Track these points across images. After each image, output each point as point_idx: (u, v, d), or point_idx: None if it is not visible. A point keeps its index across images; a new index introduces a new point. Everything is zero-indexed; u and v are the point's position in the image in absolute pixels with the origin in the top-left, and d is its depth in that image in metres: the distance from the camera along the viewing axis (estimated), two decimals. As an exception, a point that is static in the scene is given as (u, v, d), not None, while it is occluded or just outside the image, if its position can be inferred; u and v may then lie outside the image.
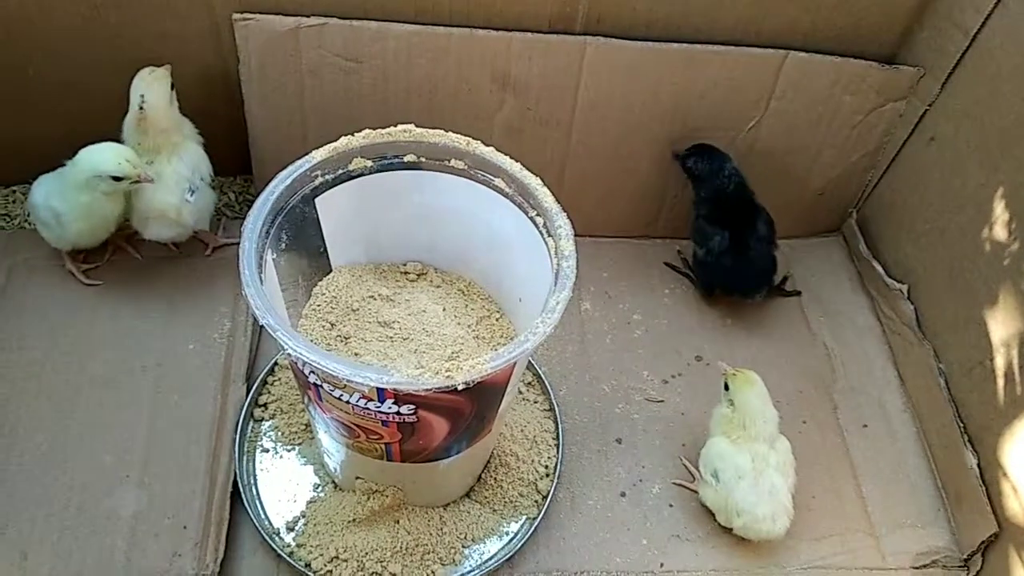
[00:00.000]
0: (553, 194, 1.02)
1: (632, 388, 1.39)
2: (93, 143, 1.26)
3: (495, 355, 0.87)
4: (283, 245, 1.01)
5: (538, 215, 1.03)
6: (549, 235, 1.01)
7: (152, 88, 1.28)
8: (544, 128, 1.43)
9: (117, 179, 1.23)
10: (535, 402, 1.34)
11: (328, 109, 1.38)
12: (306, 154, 1.02)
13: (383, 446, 1.01)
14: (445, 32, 1.32)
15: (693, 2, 1.33)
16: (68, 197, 1.27)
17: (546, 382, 1.35)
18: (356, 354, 1.06)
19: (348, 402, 0.93)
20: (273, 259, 0.99)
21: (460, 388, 0.84)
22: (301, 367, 0.93)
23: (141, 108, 1.26)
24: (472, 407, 0.96)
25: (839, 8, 1.35)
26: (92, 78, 1.38)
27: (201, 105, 1.38)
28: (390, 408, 0.92)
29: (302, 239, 1.06)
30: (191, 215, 1.32)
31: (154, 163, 1.29)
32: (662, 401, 1.37)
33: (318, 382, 0.93)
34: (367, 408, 0.93)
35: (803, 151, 1.48)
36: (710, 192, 1.43)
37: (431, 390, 0.85)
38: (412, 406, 0.91)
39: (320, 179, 1.04)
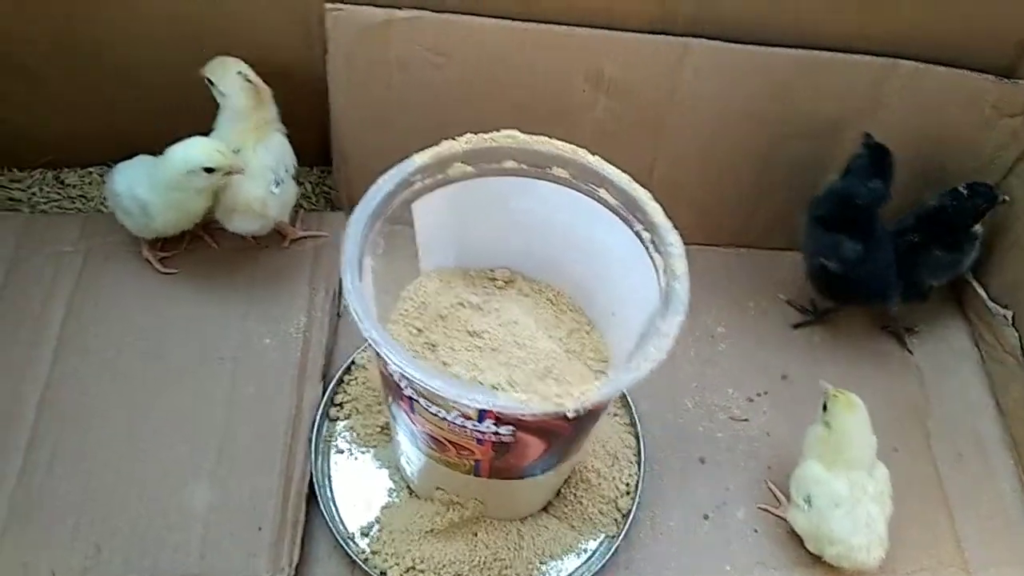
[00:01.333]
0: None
1: (715, 405, 1.34)
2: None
3: (607, 382, 0.83)
4: (380, 251, 0.98)
5: (645, 230, 0.98)
6: (657, 251, 0.97)
7: (240, 64, 1.27)
8: (635, 130, 1.38)
9: (210, 171, 1.21)
10: (615, 415, 1.30)
11: (415, 103, 1.34)
12: (406, 158, 0.99)
13: (473, 462, 0.98)
14: (539, 28, 1.27)
15: (801, 6, 1.26)
16: (157, 191, 1.25)
17: (627, 395, 1.30)
18: (444, 363, 1.02)
19: (444, 419, 0.89)
20: (371, 265, 0.95)
21: (571, 417, 0.80)
22: (397, 380, 0.90)
23: (249, 80, 1.26)
24: (572, 430, 0.93)
25: (954, 16, 1.28)
26: (172, 64, 1.34)
27: (282, 93, 1.35)
28: (488, 428, 0.88)
29: (396, 244, 1.02)
30: (275, 208, 1.30)
31: (240, 153, 1.26)
32: (747, 420, 1.32)
33: (414, 396, 0.90)
34: (463, 426, 0.89)
35: (905, 165, 1.40)
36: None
37: (537, 416, 0.81)
38: (511, 427, 0.88)
39: (419, 184, 1.00)
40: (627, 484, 1.22)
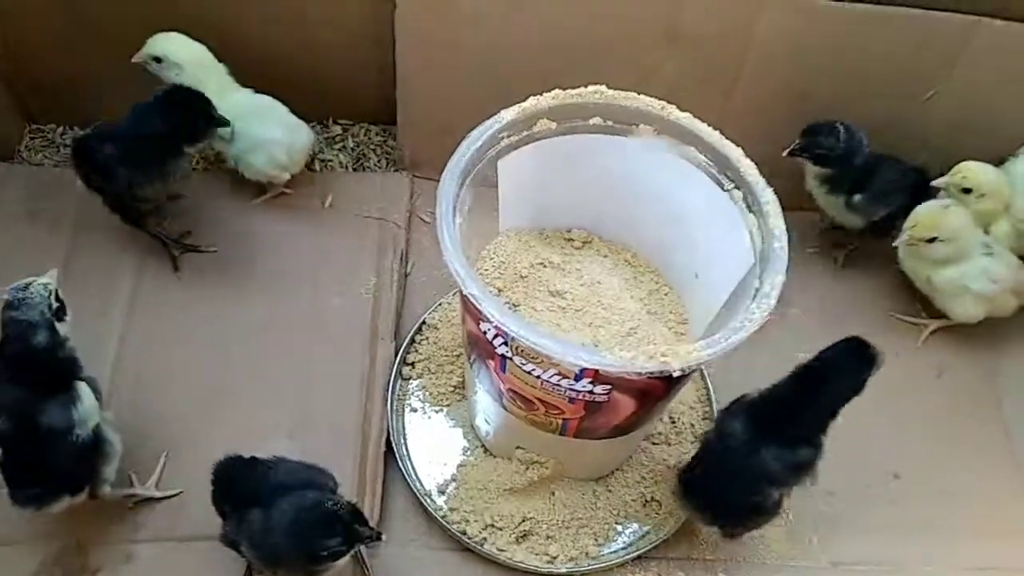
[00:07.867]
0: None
1: (786, 370, 1.32)
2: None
3: (711, 341, 0.82)
4: (467, 208, 0.97)
5: (737, 188, 0.97)
6: (750, 211, 0.95)
7: None
8: (704, 88, 1.35)
9: None
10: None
11: (483, 58, 1.32)
12: (494, 115, 0.97)
13: (561, 421, 0.98)
14: (614, -19, 1.25)
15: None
16: None
17: (698, 357, 1.29)
18: (527, 323, 1.02)
19: (539, 377, 0.89)
20: (459, 223, 0.95)
21: (676, 375, 0.80)
22: (491, 338, 0.89)
23: None
24: (664, 390, 0.92)
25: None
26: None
27: (350, 50, 1.34)
28: (584, 387, 0.88)
29: (481, 202, 1.01)
30: None
31: None
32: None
33: (508, 354, 0.89)
34: (558, 384, 0.89)
35: (983, 130, 1.36)
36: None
37: (642, 374, 0.81)
38: (608, 386, 0.88)
39: (506, 141, 0.99)
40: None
